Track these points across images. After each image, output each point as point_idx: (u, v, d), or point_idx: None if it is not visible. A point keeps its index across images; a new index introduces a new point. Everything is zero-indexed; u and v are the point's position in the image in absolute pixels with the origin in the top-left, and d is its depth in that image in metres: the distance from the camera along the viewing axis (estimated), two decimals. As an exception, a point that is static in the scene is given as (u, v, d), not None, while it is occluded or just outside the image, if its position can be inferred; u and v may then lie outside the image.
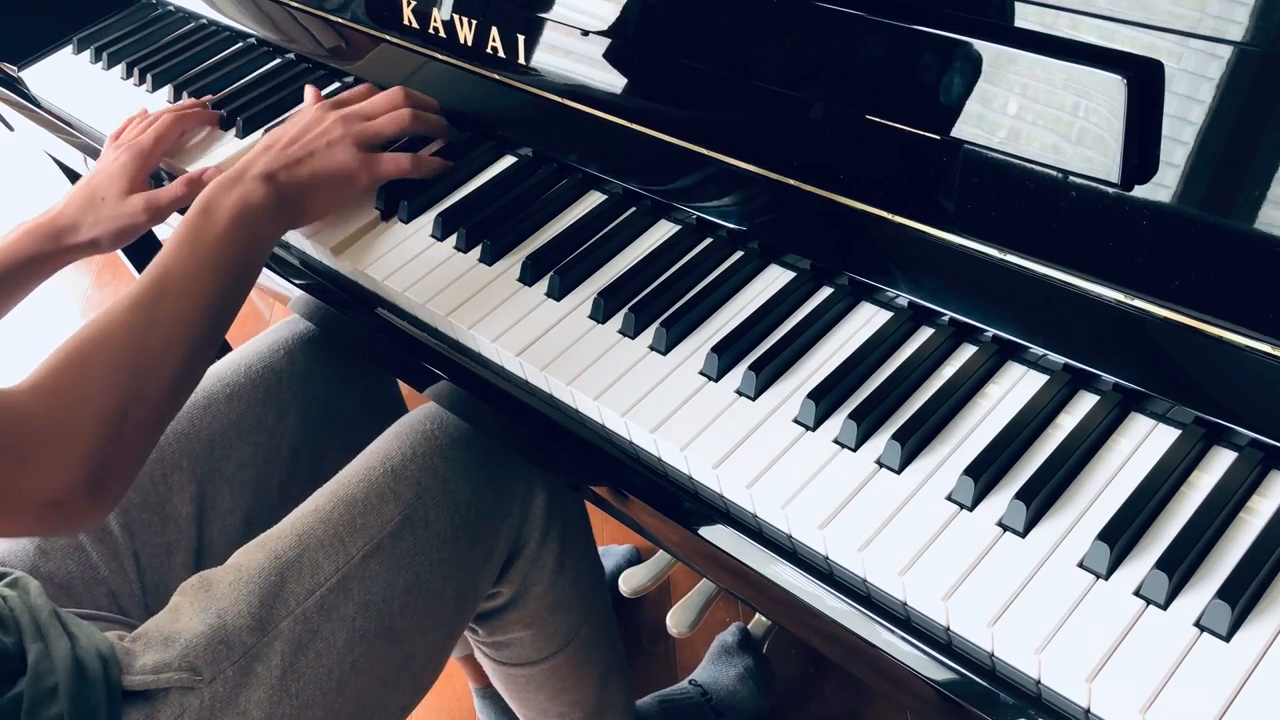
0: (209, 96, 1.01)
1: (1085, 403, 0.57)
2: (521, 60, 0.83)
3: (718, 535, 0.59)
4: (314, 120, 0.80)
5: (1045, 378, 0.59)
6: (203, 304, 0.68)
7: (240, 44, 1.09)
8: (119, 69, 1.10)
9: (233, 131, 0.96)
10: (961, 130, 0.60)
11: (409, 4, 0.90)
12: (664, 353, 0.66)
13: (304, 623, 0.71)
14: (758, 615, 1.27)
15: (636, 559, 1.36)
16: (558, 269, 0.72)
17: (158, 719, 0.65)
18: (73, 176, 1.34)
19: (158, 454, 0.85)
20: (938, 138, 0.61)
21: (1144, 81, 0.53)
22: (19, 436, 0.59)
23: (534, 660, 0.93)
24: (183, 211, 0.92)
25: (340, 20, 0.99)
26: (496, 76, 0.86)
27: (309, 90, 0.89)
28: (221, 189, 0.73)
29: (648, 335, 0.67)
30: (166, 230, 0.90)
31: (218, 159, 0.93)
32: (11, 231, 0.87)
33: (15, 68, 1.18)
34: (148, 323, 0.65)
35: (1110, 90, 0.53)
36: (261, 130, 0.95)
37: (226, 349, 1.64)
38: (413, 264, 0.77)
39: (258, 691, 0.68)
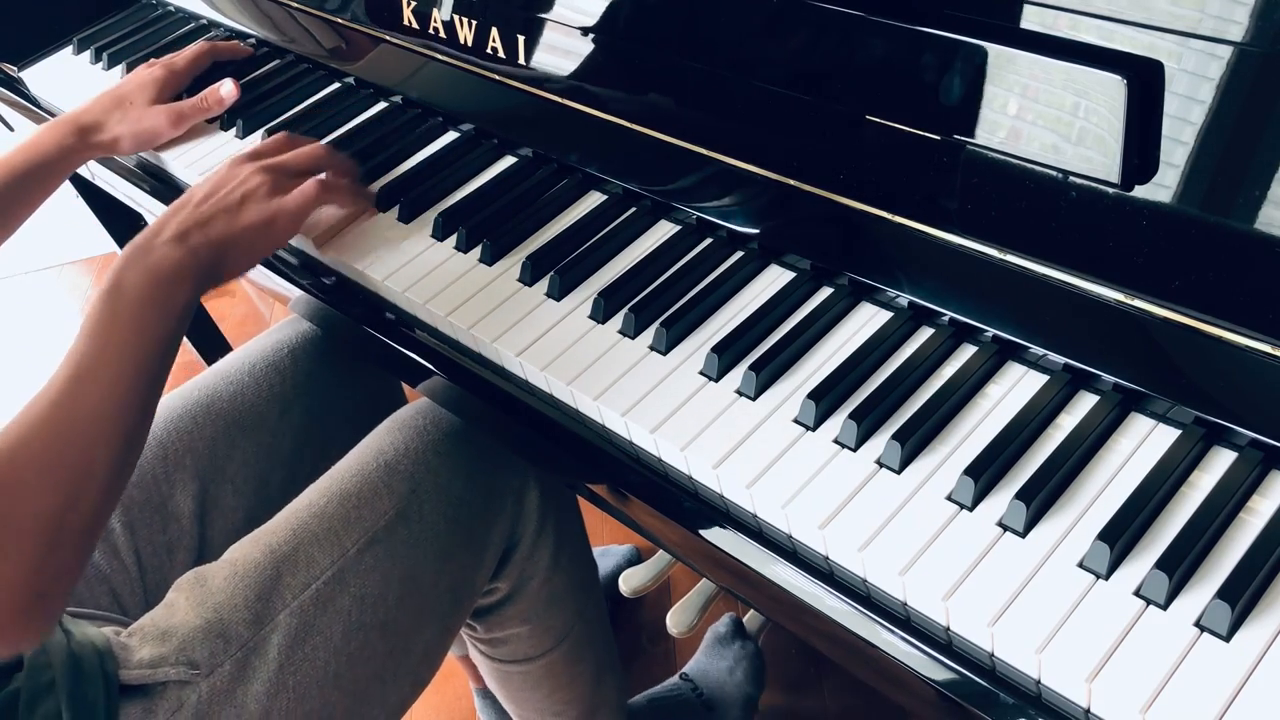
0: (242, 46, 1.04)
1: (1085, 403, 0.57)
2: (521, 60, 0.83)
3: (718, 535, 0.59)
4: (227, 175, 0.77)
5: (1045, 378, 0.59)
6: (126, 392, 0.64)
7: (240, 44, 1.09)
8: (119, 69, 1.10)
9: (232, 132, 0.96)
10: (961, 130, 0.60)
11: (409, 4, 0.90)
12: (664, 353, 0.66)
13: (300, 616, 0.71)
14: (752, 610, 1.27)
15: (636, 559, 1.36)
16: (558, 269, 0.72)
17: (156, 712, 0.65)
18: (73, 177, 1.34)
19: (160, 452, 0.85)
20: (938, 138, 0.61)
21: (1144, 81, 0.53)
22: None
23: (530, 657, 0.94)
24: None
25: (340, 20, 0.99)
26: (496, 76, 0.86)
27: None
28: (129, 264, 0.68)
29: (648, 335, 0.67)
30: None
31: (208, 151, 0.95)
32: (40, 127, 0.92)
33: (15, 68, 1.18)
34: (69, 424, 0.61)
35: (1110, 90, 0.53)
36: (261, 131, 0.95)
37: (227, 349, 1.64)
38: (412, 264, 0.77)
39: (255, 685, 0.69)
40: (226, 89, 0.96)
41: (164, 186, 0.97)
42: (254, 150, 0.81)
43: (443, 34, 0.88)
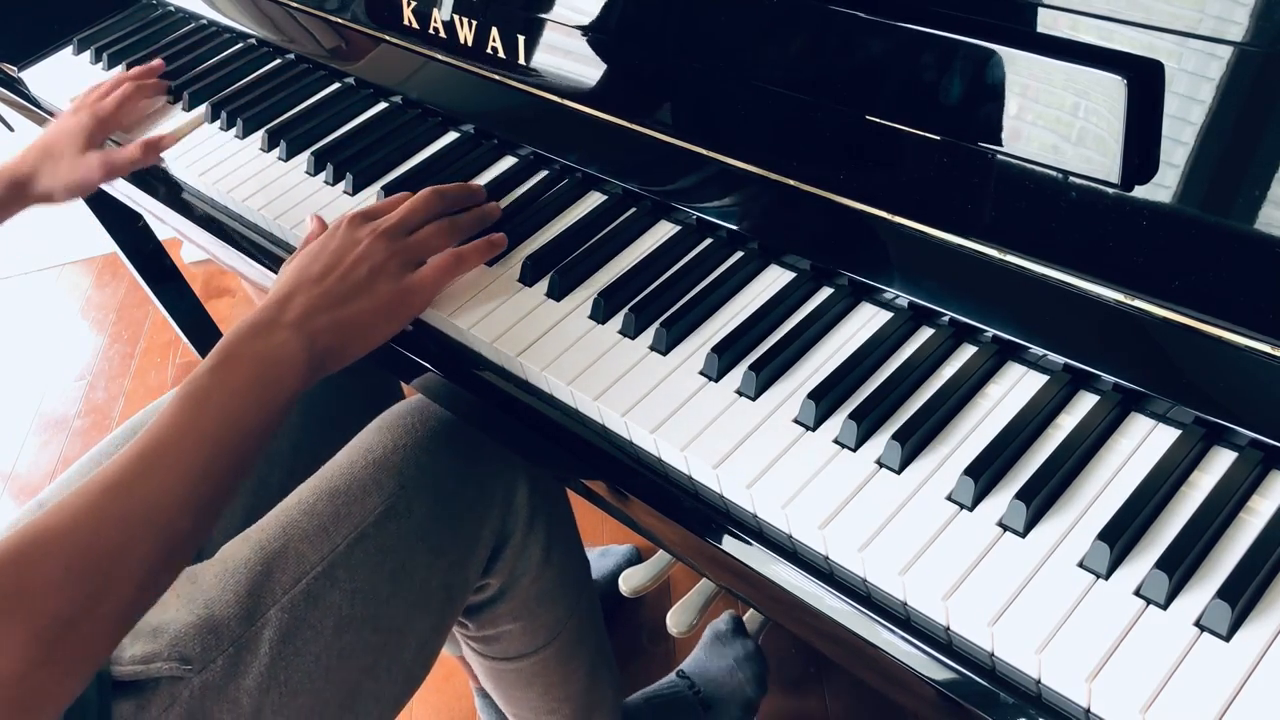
0: (159, 61, 1.05)
1: (1085, 403, 0.57)
2: (521, 60, 0.83)
3: (717, 535, 0.59)
4: (347, 242, 0.69)
5: (1045, 378, 0.59)
6: (190, 490, 0.57)
7: (240, 44, 1.09)
8: (119, 69, 1.10)
9: (233, 132, 0.96)
10: (961, 130, 0.60)
11: (409, 4, 0.90)
12: (664, 353, 0.66)
13: (291, 611, 0.71)
14: (752, 609, 1.26)
15: (636, 559, 1.36)
16: (558, 269, 0.72)
17: (149, 709, 0.65)
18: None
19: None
20: (937, 138, 0.61)
21: (1144, 81, 0.53)
22: None
23: (523, 654, 0.94)
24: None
25: (340, 20, 0.99)
26: (497, 76, 0.86)
27: (313, 218, 0.77)
28: (245, 338, 0.63)
29: (648, 335, 0.67)
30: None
31: (209, 151, 0.95)
32: None
33: (15, 68, 1.18)
34: (119, 517, 0.55)
35: (1110, 90, 0.53)
36: (261, 132, 0.94)
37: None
38: (413, 264, 0.77)
39: (247, 680, 0.69)
40: (166, 139, 0.96)
41: (167, 188, 0.97)
42: (370, 209, 0.73)
43: (443, 34, 0.88)
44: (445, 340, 0.73)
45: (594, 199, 0.80)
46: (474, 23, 0.86)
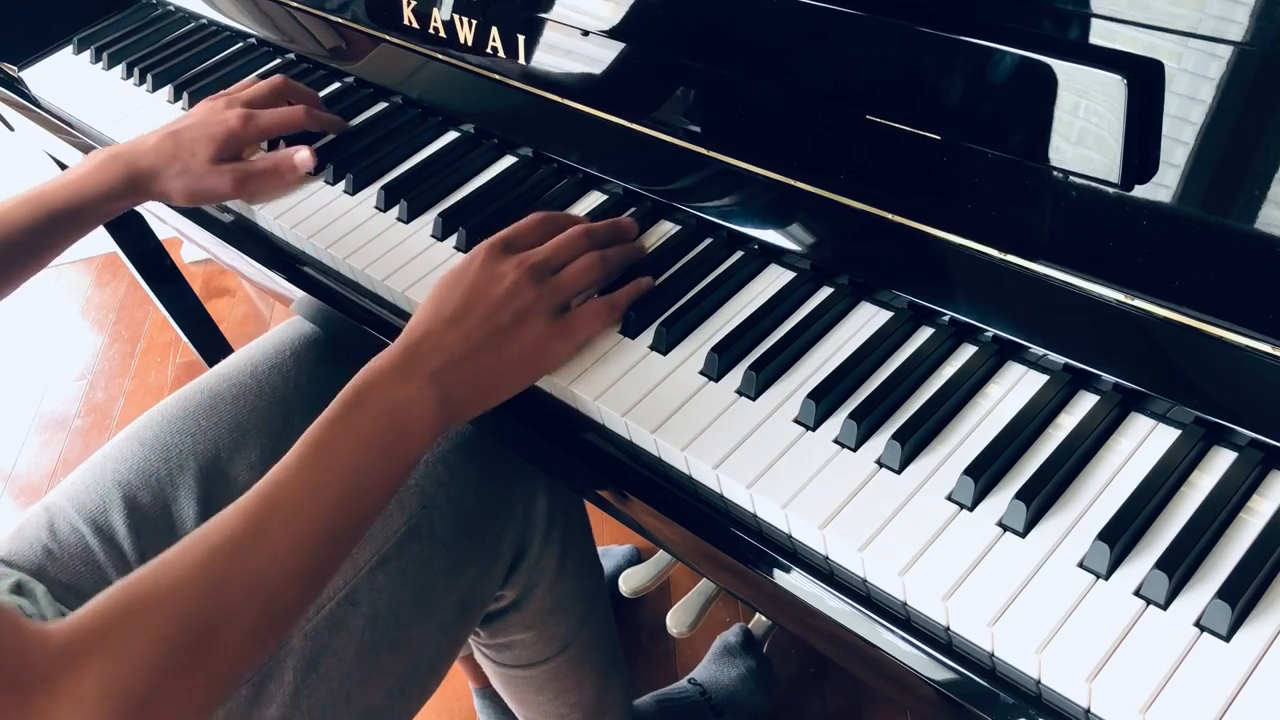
0: (335, 121, 0.91)
1: (1085, 403, 0.57)
2: (522, 60, 0.83)
3: (717, 535, 0.59)
4: (489, 276, 0.63)
5: (1045, 378, 0.59)
6: (306, 554, 0.53)
7: (240, 44, 1.09)
8: (119, 69, 1.10)
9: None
10: (961, 130, 0.60)
11: (409, 4, 0.90)
12: (664, 353, 0.66)
13: (314, 639, 0.70)
14: (758, 615, 1.27)
15: (636, 559, 1.37)
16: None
17: None
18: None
19: (163, 454, 0.85)
20: (938, 138, 0.61)
21: (1144, 81, 0.53)
22: (26, 683, 0.46)
23: (535, 662, 0.94)
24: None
25: (340, 20, 0.99)
26: (497, 76, 0.86)
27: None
28: (378, 382, 0.58)
29: (648, 335, 0.67)
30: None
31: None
32: (90, 157, 0.82)
33: (15, 68, 1.18)
34: (220, 581, 0.51)
35: (1110, 90, 0.53)
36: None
37: (228, 349, 1.65)
38: (413, 264, 0.77)
39: (270, 709, 0.68)
40: (302, 156, 0.86)
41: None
42: (512, 236, 0.67)
43: (443, 34, 0.88)
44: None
45: (594, 199, 0.80)
46: (474, 22, 0.85)
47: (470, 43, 0.87)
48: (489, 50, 0.85)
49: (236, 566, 0.51)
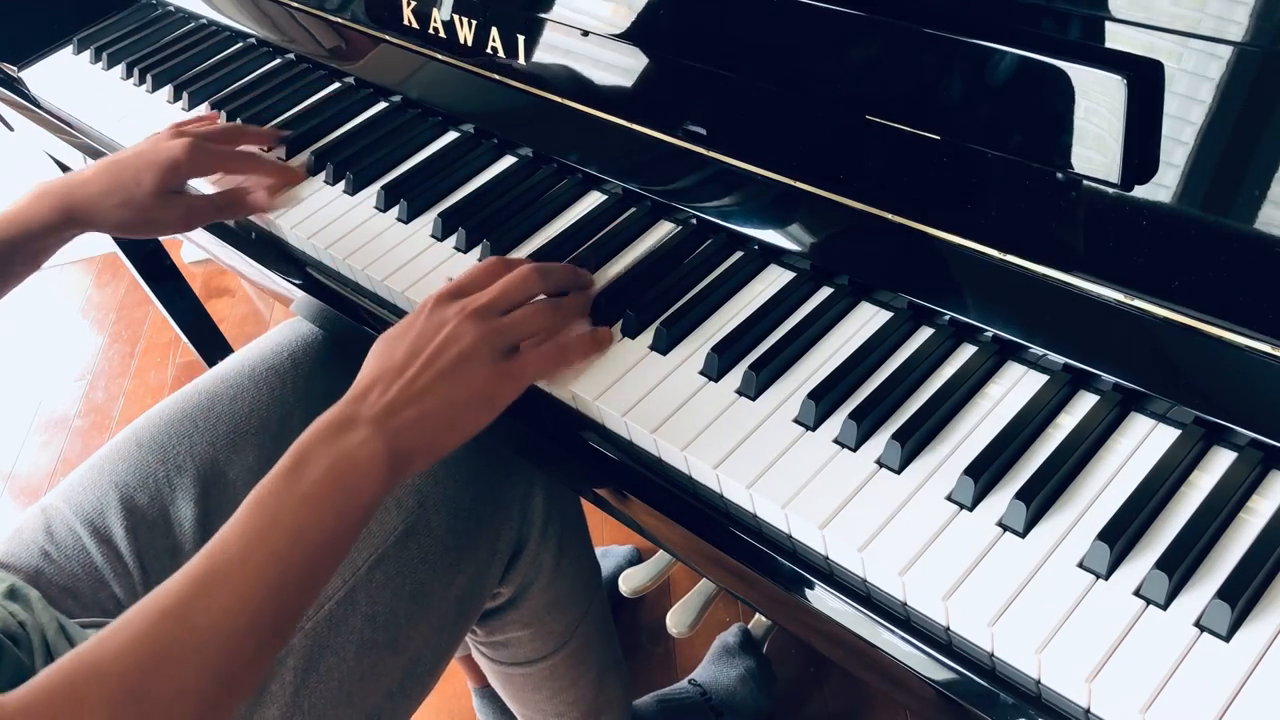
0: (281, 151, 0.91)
1: (1085, 403, 0.57)
2: (521, 60, 0.83)
3: (717, 535, 0.59)
4: (434, 324, 0.62)
5: (1045, 378, 0.59)
6: (256, 612, 0.51)
7: (240, 44, 1.09)
8: (119, 69, 1.10)
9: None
10: (961, 130, 0.60)
11: (409, 4, 0.90)
12: (664, 353, 0.66)
13: (314, 638, 0.70)
14: (758, 616, 1.27)
15: (636, 559, 1.37)
16: (558, 269, 0.72)
17: None
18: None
19: (160, 456, 0.85)
20: (938, 138, 0.61)
21: (1144, 81, 0.53)
22: None
23: (532, 660, 0.94)
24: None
25: (340, 20, 0.99)
26: (496, 76, 0.86)
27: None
28: (321, 438, 0.56)
29: (648, 335, 0.67)
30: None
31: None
32: (30, 192, 0.80)
33: (15, 68, 1.18)
34: (168, 645, 0.49)
35: (1110, 90, 0.53)
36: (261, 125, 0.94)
37: (228, 350, 1.65)
38: (413, 264, 0.77)
39: (271, 709, 0.68)
40: (255, 199, 0.85)
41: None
42: (460, 285, 0.66)
43: (442, 34, 0.88)
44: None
45: (594, 199, 0.80)
46: (474, 22, 0.85)
47: (470, 43, 0.87)
48: (489, 50, 0.85)
49: (184, 630, 0.50)
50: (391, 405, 0.58)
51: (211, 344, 1.64)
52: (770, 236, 0.70)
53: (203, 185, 0.90)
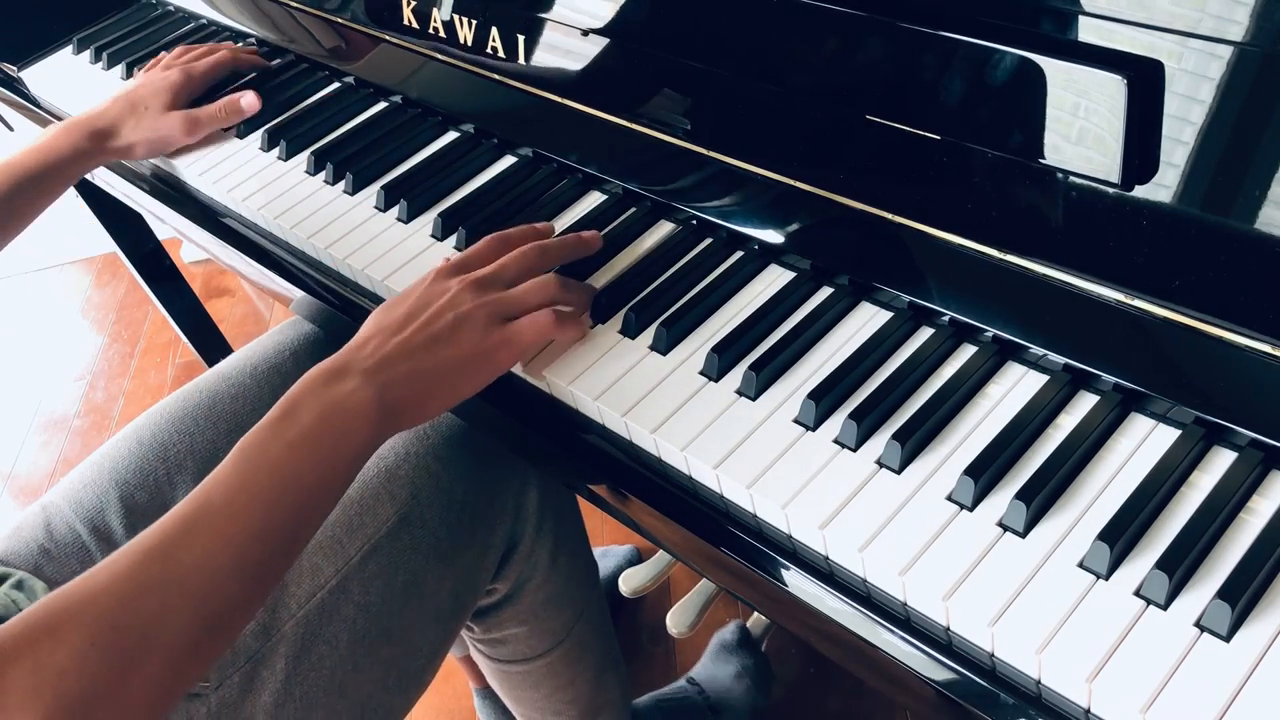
0: (256, 56, 1.03)
1: (1085, 403, 0.57)
2: (521, 60, 0.83)
3: (717, 535, 0.59)
4: (434, 291, 0.64)
5: (1045, 378, 0.59)
6: (239, 553, 0.52)
7: (240, 44, 1.09)
8: (119, 69, 1.10)
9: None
10: (961, 130, 0.60)
11: (409, 4, 0.90)
12: (664, 353, 0.66)
13: (306, 626, 0.71)
14: (756, 614, 1.27)
15: (636, 559, 1.37)
16: (558, 270, 0.72)
17: None
18: (73, 176, 1.34)
19: (161, 454, 0.85)
20: (938, 138, 0.61)
21: (1144, 81, 0.53)
22: None
23: (530, 657, 0.94)
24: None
25: (340, 20, 0.99)
26: (497, 76, 0.86)
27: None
28: (311, 388, 0.57)
29: (648, 335, 0.67)
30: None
31: (221, 158, 0.94)
32: (51, 127, 0.91)
33: (15, 68, 1.18)
34: (151, 582, 0.50)
35: (1110, 90, 0.53)
36: (261, 131, 0.94)
37: (228, 350, 1.65)
38: (413, 264, 0.77)
39: (263, 696, 0.68)
40: (247, 100, 0.95)
41: (169, 189, 0.97)
42: (462, 260, 0.67)
43: (442, 34, 0.88)
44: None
45: (594, 198, 0.80)
46: (474, 22, 0.85)
47: (470, 43, 0.87)
48: (489, 50, 0.85)
49: (168, 568, 0.50)
50: (385, 359, 0.59)
51: (211, 344, 1.64)
52: (770, 236, 0.70)
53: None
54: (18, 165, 0.87)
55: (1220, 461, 0.53)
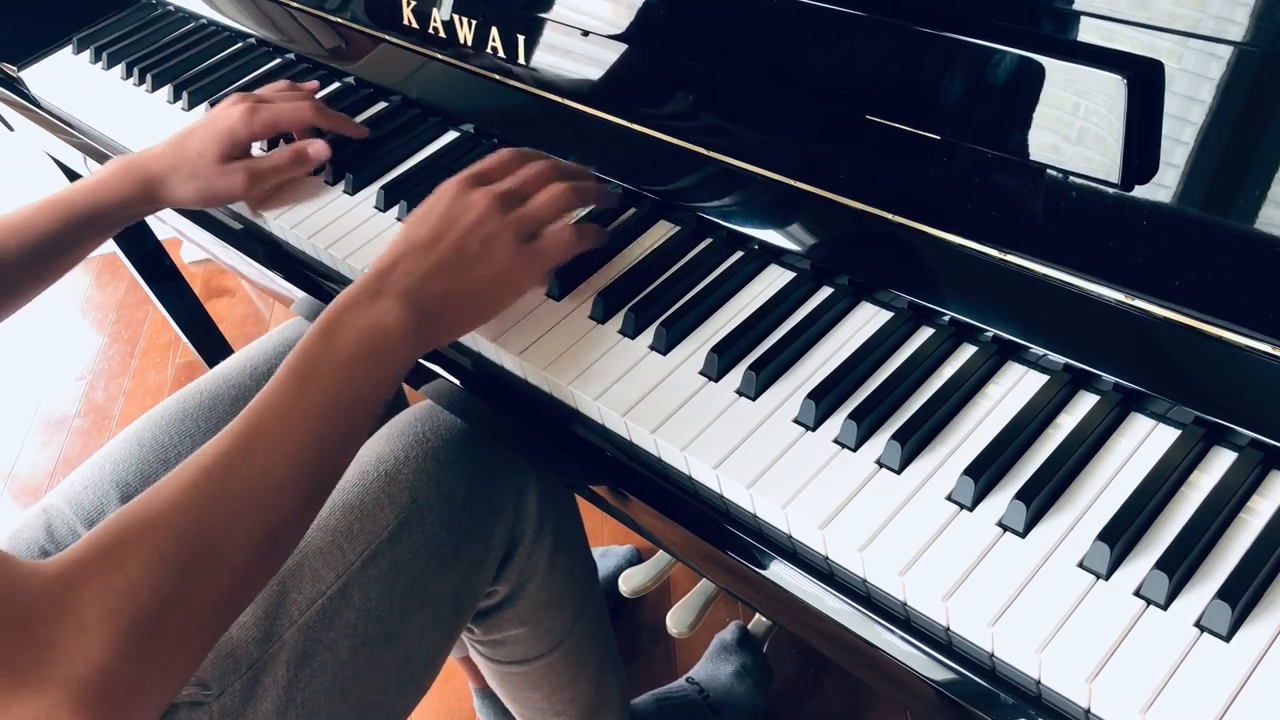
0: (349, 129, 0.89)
1: (1085, 403, 0.57)
2: (521, 60, 0.83)
3: (717, 535, 0.59)
4: (459, 206, 0.65)
5: (1045, 378, 0.59)
6: (294, 470, 0.54)
7: (240, 44, 1.09)
8: (119, 69, 1.10)
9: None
10: (961, 130, 0.60)
11: (409, 4, 0.90)
12: (664, 353, 0.66)
13: (308, 632, 0.70)
14: (758, 615, 1.27)
15: (636, 559, 1.37)
16: (557, 269, 0.72)
17: None
18: (73, 176, 1.34)
19: (162, 455, 0.85)
20: (938, 138, 0.61)
21: (1144, 81, 0.53)
22: (25, 615, 0.46)
23: (529, 658, 0.94)
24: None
25: (340, 20, 0.99)
26: (497, 76, 0.86)
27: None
28: (350, 306, 0.59)
29: (648, 335, 0.67)
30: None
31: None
32: (107, 165, 0.83)
33: (15, 68, 1.18)
34: (215, 495, 0.52)
35: (1110, 90, 0.53)
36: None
37: (228, 350, 1.65)
38: (413, 264, 0.77)
39: (265, 704, 0.68)
40: (315, 148, 0.85)
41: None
42: (482, 170, 0.69)
43: (442, 34, 0.88)
44: (459, 347, 0.73)
45: (594, 199, 0.80)
46: (474, 22, 0.85)
47: (470, 43, 0.87)
48: (489, 50, 0.85)
49: (230, 482, 0.52)
50: (418, 280, 0.61)
51: (211, 344, 1.64)
52: (770, 236, 0.70)
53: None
54: (67, 203, 0.81)
55: (1220, 461, 0.53)
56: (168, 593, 0.49)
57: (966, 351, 0.61)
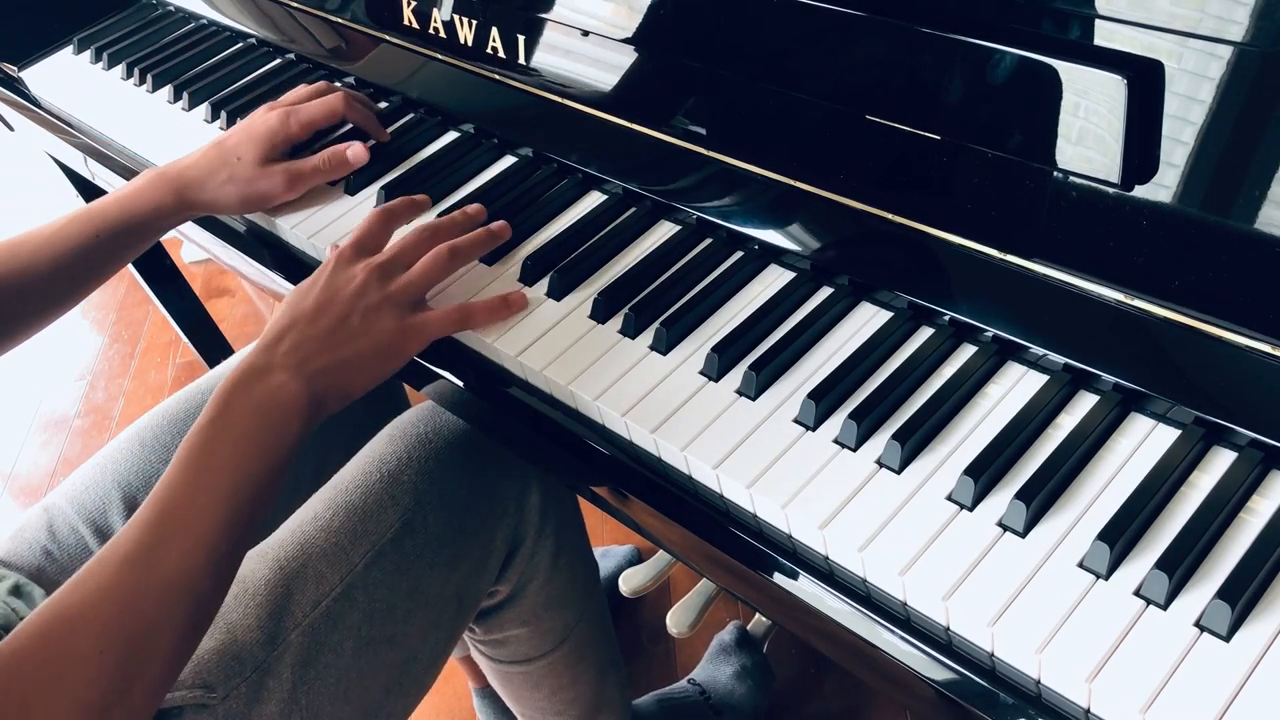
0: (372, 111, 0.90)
1: (1085, 403, 0.57)
2: (522, 60, 0.83)
3: (717, 536, 0.59)
4: (341, 279, 0.67)
5: (1045, 378, 0.59)
6: (210, 550, 0.56)
7: (240, 44, 1.09)
8: (119, 69, 1.10)
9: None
10: (961, 130, 0.60)
11: (409, 4, 0.90)
12: (664, 353, 0.66)
13: (312, 634, 0.70)
14: (757, 615, 1.27)
15: (636, 559, 1.36)
16: (558, 269, 0.72)
17: None
18: (73, 176, 1.34)
19: (162, 455, 0.85)
20: (938, 138, 0.61)
21: (1144, 81, 0.53)
22: None
23: (531, 658, 0.94)
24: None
25: (340, 20, 0.99)
26: (497, 76, 0.86)
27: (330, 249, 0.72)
28: (235, 390, 0.60)
29: (648, 335, 0.67)
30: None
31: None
32: (139, 176, 0.83)
33: (15, 68, 1.18)
34: (141, 590, 0.53)
35: (1110, 90, 0.53)
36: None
37: (229, 350, 1.64)
38: (413, 264, 0.77)
39: (269, 705, 0.68)
40: (354, 152, 0.85)
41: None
42: (359, 240, 0.70)
43: (443, 34, 0.88)
44: (446, 341, 0.73)
45: (594, 198, 0.80)
46: (474, 22, 0.86)
47: (470, 43, 0.87)
48: (489, 51, 0.85)
49: (152, 572, 0.54)
50: (306, 354, 0.63)
51: (211, 344, 1.64)
52: (770, 236, 0.70)
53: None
54: (99, 215, 0.80)
55: (1220, 461, 0.53)
56: (109, 686, 0.50)
57: (966, 351, 0.62)
